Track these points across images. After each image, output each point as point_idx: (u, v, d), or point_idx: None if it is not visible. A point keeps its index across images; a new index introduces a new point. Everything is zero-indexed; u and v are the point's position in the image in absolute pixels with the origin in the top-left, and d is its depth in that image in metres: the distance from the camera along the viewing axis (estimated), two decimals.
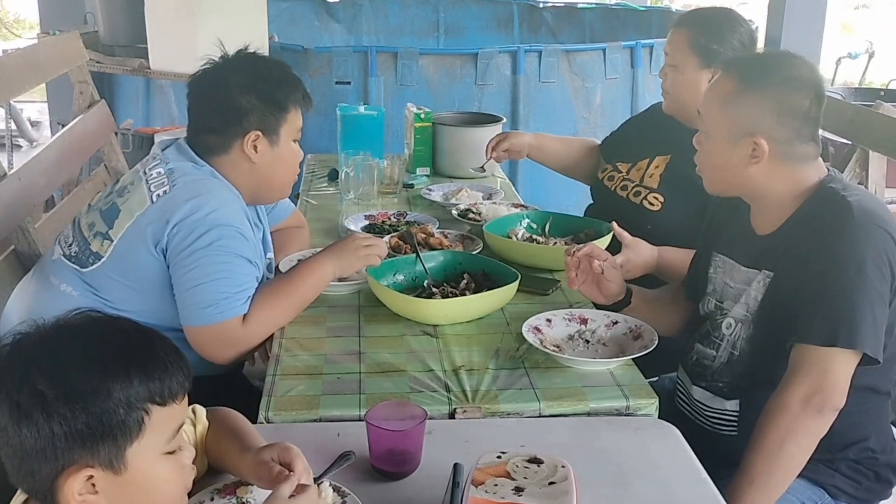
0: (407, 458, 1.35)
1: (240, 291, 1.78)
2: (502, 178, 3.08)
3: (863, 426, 1.65)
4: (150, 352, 1.02)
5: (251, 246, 1.86)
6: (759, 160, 1.60)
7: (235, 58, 1.92)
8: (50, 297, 1.88)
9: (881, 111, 2.86)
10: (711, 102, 1.65)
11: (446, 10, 6.41)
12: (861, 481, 1.67)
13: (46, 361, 0.96)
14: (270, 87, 1.88)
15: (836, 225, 1.54)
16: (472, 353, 1.73)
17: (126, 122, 4.49)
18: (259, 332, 1.81)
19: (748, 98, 1.59)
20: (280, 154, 1.91)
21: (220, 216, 1.79)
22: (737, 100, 1.60)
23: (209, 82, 1.91)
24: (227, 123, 1.87)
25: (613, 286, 1.84)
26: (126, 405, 0.97)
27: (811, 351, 1.51)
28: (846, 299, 1.50)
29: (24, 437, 0.95)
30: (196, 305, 1.77)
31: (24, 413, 0.95)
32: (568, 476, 1.16)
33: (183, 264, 1.77)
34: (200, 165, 1.88)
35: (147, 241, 1.79)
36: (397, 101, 4.05)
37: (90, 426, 0.95)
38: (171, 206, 1.78)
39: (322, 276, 1.91)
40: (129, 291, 1.83)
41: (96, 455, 0.97)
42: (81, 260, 1.86)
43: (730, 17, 2.29)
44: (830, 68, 6.77)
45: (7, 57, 3.27)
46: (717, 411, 1.73)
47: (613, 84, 4.58)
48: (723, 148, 1.64)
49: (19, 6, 11.59)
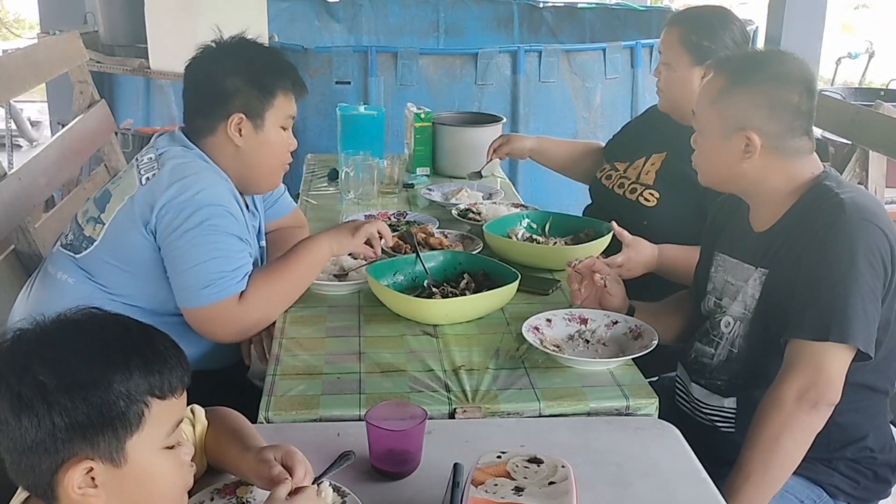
0: (407, 458, 1.35)
1: (235, 269, 1.79)
2: (502, 178, 3.08)
3: (861, 425, 1.66)
4: (150, 346, 1.02)
5: (241, 224, 1.87)
6: (751, 155, 1.62)
7: (227, 42, 1.94)
8: (48, 287, 1.90)
9: (881, 111, 2.87)
10: (704, 101, 1.67)
11: (446, 10, 6.41)
12: (859, 480, 1.67)
13: (48, 353, 0.97)
14: (257, 70, 1.89)
15: (828, 221, 1.55)
16: (472, 353, 1.73)
17: (126, 121, 4.49)
18: (256, 309, 1.81)
19: (739, 94, 1.61)
20: (265, 139, 1.91)
21: (207, 196, 1.80)
22: (728, 96, 1.62)
23: (200, 66, 1.93)
24: (213, 105, 1.89)
25: (616, 300, 1.85)
26: (126, 397, 0.97)
27: (804, 346, 1.52)
28: (838, 294, 1.50)
29: (25, 429, 0.95)
30: (193, 287, 1.77)
31: (25, 404, 0.95)
32: (568, 476, 1.16)
33: (175, 246, 1.78)
34: (190, 149, 1.89)
35: (136, 221, 1.80)
36: (397, 101, 4.05)
37: (91, 417, 0.96)
38: (159, 188, 1.80)
39: (318, 254, 1.91)
40: (123, 275, 1.84)
41: (96, 447, 0.97)
42: (75, 246, 1.88)
43: (722, 15, 2.30)
44: (830, 68, 6.77)
45: (7, 57, 3.27)
46: (715, 408, 1.74)
47: (613, 84, 4.58)
48: (717, 144, 1.66)
49: (19, 6, 11.59)
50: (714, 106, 1.64)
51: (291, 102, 1.94)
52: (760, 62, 1.67)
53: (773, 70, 1.62)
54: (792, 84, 1.60)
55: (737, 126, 1.61)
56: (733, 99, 1.62)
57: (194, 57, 1.94)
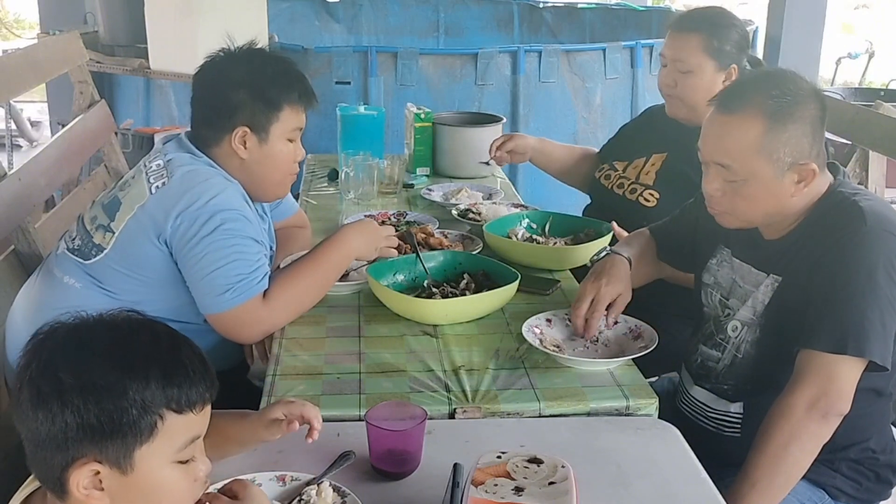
0: (407, 458, 1.35)
1: (254, 270, 1.79)
2: (502, 178, 3.08)
3: (864, 427, 1.65)
4: (174, 357, 1.01)
5: (255, 227, 1.87)
6: (807, 183, 1.58)
7: (235, 52, 1.93)
8: (54, 289, 1.89)
9: (881, 111, 2.87)
10: (746, 150, 1.56)
11: (446, 10, 6.41)
12: (861, 482, 1.67)
13: (71, 350, 0.98)
14: (263, 83, 1.88)
15: (848, 231, 1.54)
16: (472, 353, 1.73)
17: (126, 121, 4.49)
18: (283, 309, 1.81)
19: (784, 131, 1.54)
20: (269, 152, 1.90)
21: (221, 201, 1.79)
22: (775, 136, 1.55)
23: (207, 75, 1.93)
24: (218, 117, 1.88)
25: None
26: (140, 406, 0.97)
27: (818, 357, 1.50)
28: (856, 307, 1.49)
29: (40, 423, 0.96)
30: (213, 293, 1.77)
31: (42, 398, 0.96)
32: (568, 476, 1.16)
33: (192, 254, 1.78)
34: (198, 157, 1.89)
35: (149, 232, 1.80)
36: (397, 101, 4.06)
37: (101, 421, 0.96)
38: (171, 197, 1.79)
39: (348, 252, 1.92)
40: (133, 282, 1.84)
41: (104, 451, 0.97)
42: (84, 252, 1.87)
43: (726, 15, 2.33)
44: (830, 68, 6.77)
45: (7, 57, 3.27)
46: (720, 413, 1.72)
47: (613, 84, 4.58)
48: (770, 186, 1.58)
49: (19, 6, 11.58)
50: (762, 153, 1.55)
51: (299, 115, 1.93)
52: (784, 92, 1.57)
53: (797, 96, 1.56)
54: (812, 100, 1.57)
55: (792, 162, 1.56)
56: (782, 138, 1.54)
57: (202, 65, 1.93)
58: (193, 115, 1.96)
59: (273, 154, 1.91)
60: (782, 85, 1.58)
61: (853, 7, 13.42)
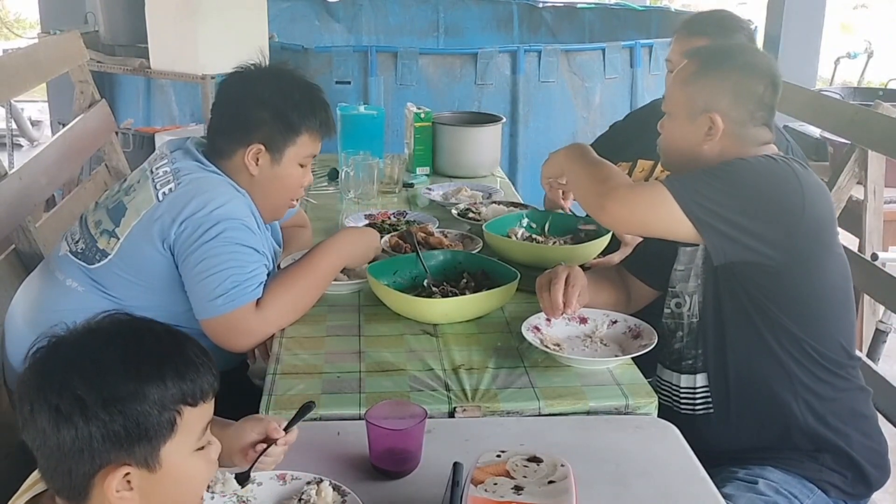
0: (407, 457, 1.36)
1: (249, 279, 1.79)
2: (502, 178, 3.08)
3: (845, 419, 1.68)
4: (182, 355, 1.04)
5: (258, 238, 1.87)
6: (713, 137, 1.69)
7: (265, 69, 1.94)
8: (55, 292, 1.90)
9: (880, 111, 2.86)
10: (676, 84, 1.76)
11: (446, 10, 6.41)
12: (846, 474, 1.68)
13: (85, 367, 0.99)
14: (287, 106, 1.88)
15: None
16: (471, 352, 1.74)
17: (126, 121, 4.50)
18: (275, 318, 1.81)
19: (708, 78, 1.70)
20: (280, 173, 1.91)
21: (226, 211, 1.80)
22: (697, 79, 1.71)
23: (233, 87, 1.93)
24: (236, 130, 1.89)
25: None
26: (160, 407, 1.00)
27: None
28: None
29: (63, 440, 0.98)
30: (206, 297, 1.77)
31: (63, 417, 0.97)
32: (567, 475, 1.16)
33: (191, 259, 1.78)
34: (206, 166, 1.89)
35: (154, 238, 1.80)
36: (397, 100, 4.06)
37: (127, 428, 0.98)
38: (178, 204, 1.80)
39: (338, 258, 1.94)
40: (137, 288, 1.84)
41: (132, 455, 1.00)
42: (88, 257, 1.88)
43: (734, 18, 2.32)
44: (829, 68, 6.76)
45: (7, 56, 3.27)
46: (688, 391, 1.75)
47: (613, 84, 4.59)
48: (682, 125, 1.73)
49: (20, 6, 11.58)
50: (684, 88, 1.72)
51: (316, 142, 1.94)
52: (732, 52, 1.77)
53: (743, 60, 1.72)
54: (758, 76, 1.69)
55: (703, 108, 1.69)
56: (702, 82, 1.70)
57: (230, 75, 1.94)
58: (212, 121, 1.96)
59: (283, 176, 1.92)
60: (735, 48, 1.84)
61: (852, 7, 13.42)
